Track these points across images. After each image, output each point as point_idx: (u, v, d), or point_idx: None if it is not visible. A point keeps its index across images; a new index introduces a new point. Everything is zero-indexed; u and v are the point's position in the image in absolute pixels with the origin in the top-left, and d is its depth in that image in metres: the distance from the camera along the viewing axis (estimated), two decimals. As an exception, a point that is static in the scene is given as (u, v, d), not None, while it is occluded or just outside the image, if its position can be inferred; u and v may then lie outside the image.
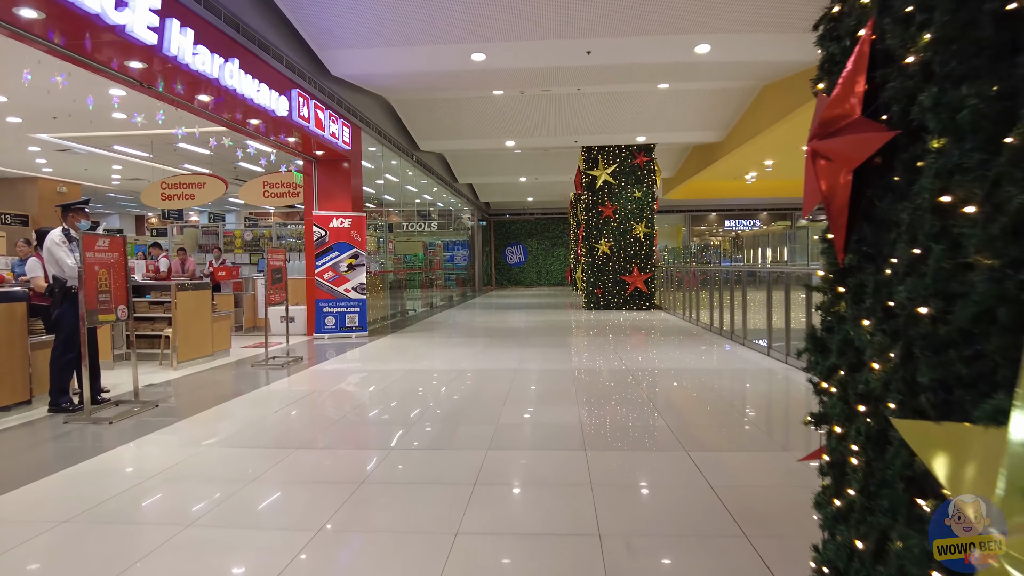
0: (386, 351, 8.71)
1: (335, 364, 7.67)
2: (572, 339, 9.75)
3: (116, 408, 5.12)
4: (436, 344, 9.30)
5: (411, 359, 7.92)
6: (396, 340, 9.80)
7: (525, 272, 29.88)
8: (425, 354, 8.32)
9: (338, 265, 10.11)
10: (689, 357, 7.83)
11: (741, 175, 21.22)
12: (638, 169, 14.67)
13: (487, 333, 10.66)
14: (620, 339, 9.57)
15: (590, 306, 14.71)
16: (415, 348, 8.94)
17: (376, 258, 13.13)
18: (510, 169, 18.86)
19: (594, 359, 7.68)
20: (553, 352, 8.24)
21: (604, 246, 14.61)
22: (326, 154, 10.14)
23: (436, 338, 10.05)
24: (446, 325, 12.16)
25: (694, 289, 12.33)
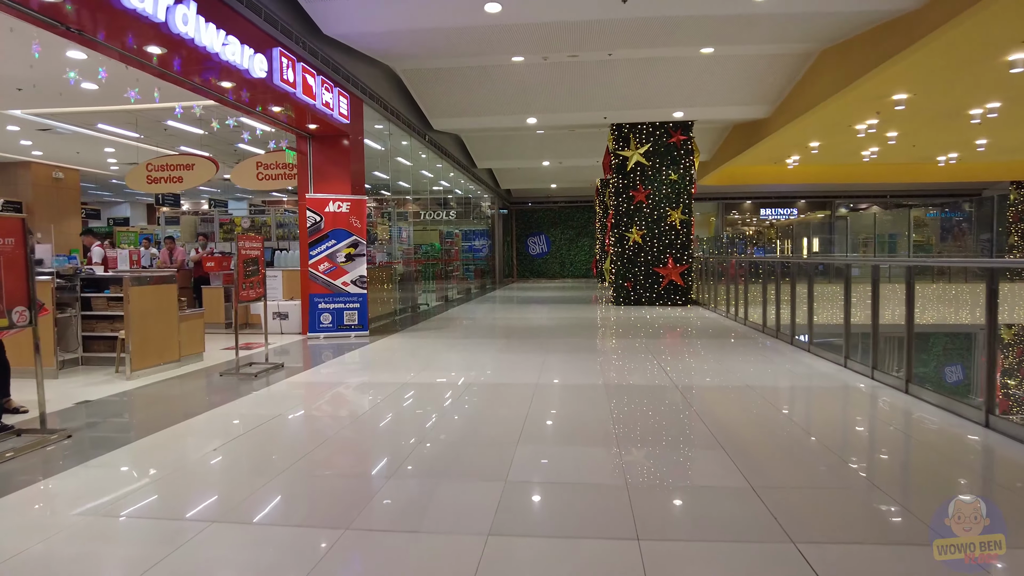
0: (384, 356, 7.46)
1: (317, 374, 6.44)
2: (601, 342, 8.40)
3: (11, 441, 3.94)
4: (444, 347, 8.03)
5: (410, 367, 6.66)
6: (399, 341, 8.56)
7: (548, 263, 28.52)
8: (429, 360, 7.06)
9: (335, 255, 8.89)
10: (747, 368, 6.45)
11: (783, 158, 19.56)
12: (674, 149, 13.20)
13: (504, 333, 9.36)
14: (658, 342, 8.19)
15: (619, 301, 13.32)
16: (419, 352, 7.68)
17: (384, 247, 11.90)
18: (532, 152, 17.48)
19: (631, 371, 6.34)
20: (580, 360, 6.91)
21: (636, 235, 13.20)
22: (321, 129, 8.90)
23: (445, 339, 8.78)
24: (460, 322, 10.88)
25: (738, 283, 10.89)
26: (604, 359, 6.89)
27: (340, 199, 8.91)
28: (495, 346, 7.96)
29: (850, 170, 23.77)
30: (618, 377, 5.95)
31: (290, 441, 4.15)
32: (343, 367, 6.78)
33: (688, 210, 13.23)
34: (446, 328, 10.00)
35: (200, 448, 3.92)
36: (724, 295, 11.69)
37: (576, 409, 4.77)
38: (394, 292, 11.70)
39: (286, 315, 9.43)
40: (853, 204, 30.14)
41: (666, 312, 12.04)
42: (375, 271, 10.81)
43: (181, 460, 3.69)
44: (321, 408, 5.12)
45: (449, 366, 6.72)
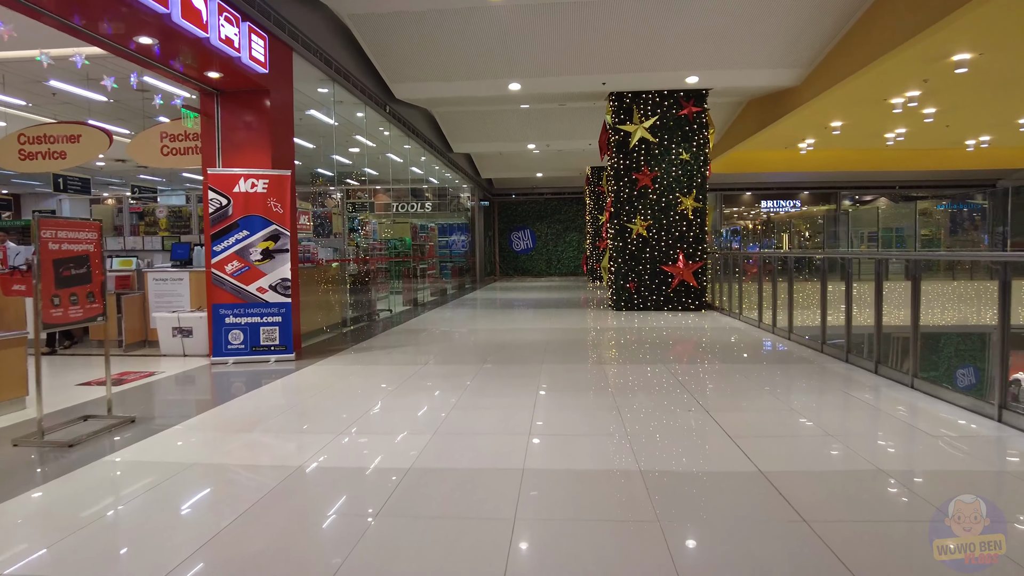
0: (301, 400, 5.16)
1: (173, 442, 4.11)
2: (612, 370, 6.16)
3: None
4: (392, 380, 5.74)
5: (331, 424, 4.36)
6: (334, 370, 6.25)
7: (534, 260, 26.29)
8: (363, 408, 4.76)
9: (247, 251, 6.56)
10: (848, 424, 4.25)
11: (797, 142, 17.48)
12: (685, 123, 11.00)
13: (478, 354, 7.09)
14: (690, 371, 5.98)
15: (620, 305, 11.11)
16: (353, 391, 5.38)
17: (328, 243, 9.57)
18: (515, 132, 15.19)
19: (672, 432, 4.10)
20: (588, 409, 4.66)
21: (640, 226, 10.98)
22: (229, 80, 6.55)
23: (398, 365, 6.49)
24: (423, 337, 8.59)
25: (767, 283, 8.73)
26: (623, 404, 4.65)
27: (255, 175, 6.58)
28: (464, 378, 5.69)
29: (862, 157, 21.81)
30: (657, 448, 3.70)
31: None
32: (228, 423, 4.45)
33: (703, 196, 11.05)
34: (405, 346, 7.71)
35: None
36: (751, 298, 9.52)
37: (601, 544, 2.51)
38: (343, 296, 9.37)
39: (190, 331, 7.09)
40: (858, 196, 28.28)
41: (680, 320, 9.83)
42: (314, 272, 8.48)
43: None
44: (129, 535, 2.81)
45: (390, 420, 4.43)
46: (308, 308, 8.15)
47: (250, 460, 3.64)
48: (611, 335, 8.32)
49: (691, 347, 7.37)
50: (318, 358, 6.79)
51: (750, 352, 7.07)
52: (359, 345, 7.67)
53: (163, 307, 7.49)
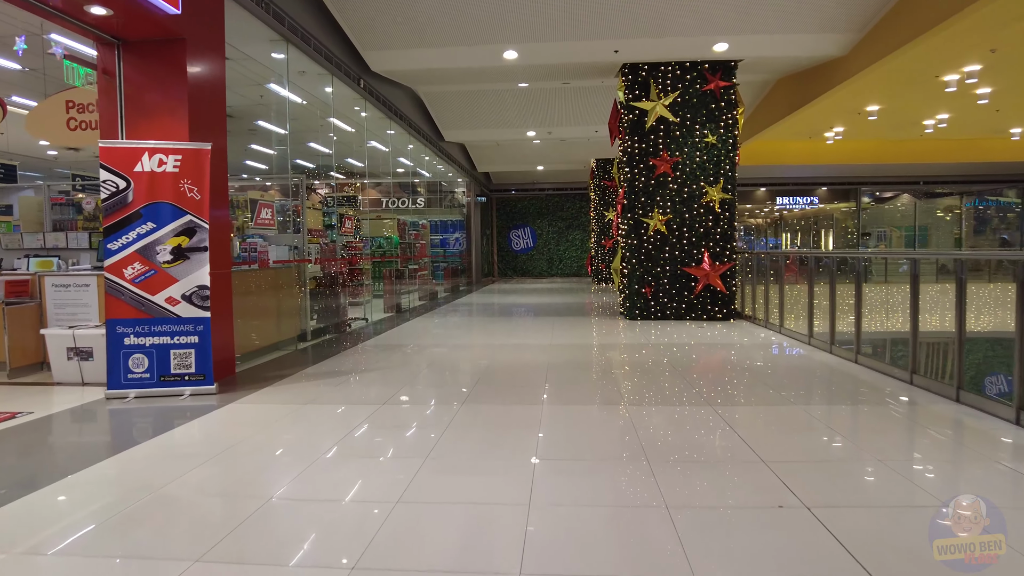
0: (176, 475, 3.50)
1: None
2: (639, 420, 4.52)
3: None
4: (331, 433, 4.12)
5: (197, 532, 2.74)
6: (257, 412, 4.63)
7: (534, 260, 24.67)
8: (261, 498, 3.13)
9: (152, 250, 4.95)
10: None
11: (826, 129, 15.85)
12: (711, 100, 9.38)
13: (458, 384, 5.47)
14: (749, 421, 4.35)
15: (634, 314, 9.48)
16: (267, 455, 3.75)
17: (283, 240, 7.97)
18: (513, 117, 13.57)
19: (755, 545, 2.46)
20: (613, 500, 3.02)
21: (658, 220, 9.36)
22: (126, 22, 4.93)
23: (347, 404, 4.87)
24: (395, 357, 6.97)
25: (816, 288, 7.13)
26: (672, 492, 3.02)
27: (163, 149, 4.97)
28: (432, 428, 4.07)
29: (890, 149, 20.16)
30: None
31: None
32: (46, 518, 2.83)
33: (731, 186, 9.43)
34: (368, 370, 6.09)
35: None
36: (796, 307, 7.91)
37: None
38: (304, 304, 7.76)
39: (89, 353, 5.48)
40: (878, 192, 26.65)
41: (709, 334, 8.21)
42: (261, 276, 6.88)
43: None
44: None
45: (294, 529, 2.80)
46: (253, 320, 6.54)
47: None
48: (629, 356, 6.69)
49: (738, 376, 5.75)
50: (251, 388, 5.17)
51: (820, 385, 5.45)
52: (311, 369, 6.04)
53: (64, 320, 5.89)
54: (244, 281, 6.43)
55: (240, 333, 6.17)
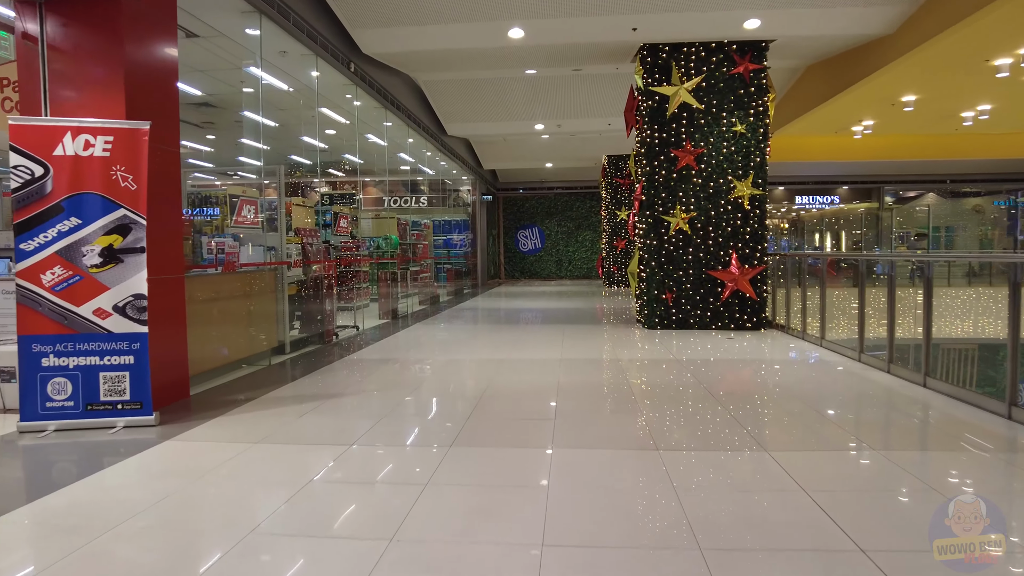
0: (53, 559, 2.62)
1: None
2: (678, 475, 3.57)
3: None
4: (277, 491, 3.21)
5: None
6: (196, 452, 3.73)
7: (542, 261, 23.74)
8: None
9: (76, 251, 4.07)
10: None
11: (855, 123, 14.82)
12: (739, 84, 8.42)
13: (446, 418, 4.55)
14: (818, 474, 3.41)
15: (653, 322, 8.53)
16: (180, 528, 2.85)
17: (260, 240, 7.08)
18: (520, 109, 12.66)
19: None
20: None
21: (680, 218, 8.41)
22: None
23: (304, 445, 3.96)
24: (378, 376, 6.07)
25: (866, 294, 6.17)
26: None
27: (91, 128, 4.08)
28: (409, 494, 3.16)
29: (919, 144, 19.08)
30: None
31: None
32: None
33: (762, 180, 8.47)
34: (342, 394, 5.17)
35: None
36: (841, 316, 6.97)
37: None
38: (280, 310, 6.86)
39: (11, 374, 4.60)
40: (901, 191, 25.54)
41: (741, 348, 7.26)
42: (228, 280, 5.99)
43: None
44: None
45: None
46: (216, 333, 5.66)
47: None
48: (652, 375, 5.75)
49: (788, 404, 4.80)
50: (200, 418, 4.28)
51: (895, 418, 4.51)
52: (279, 392, 5.14)
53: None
54: (204, 288, 5.55)
55: (199, 348, 5.29)
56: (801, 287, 7.80)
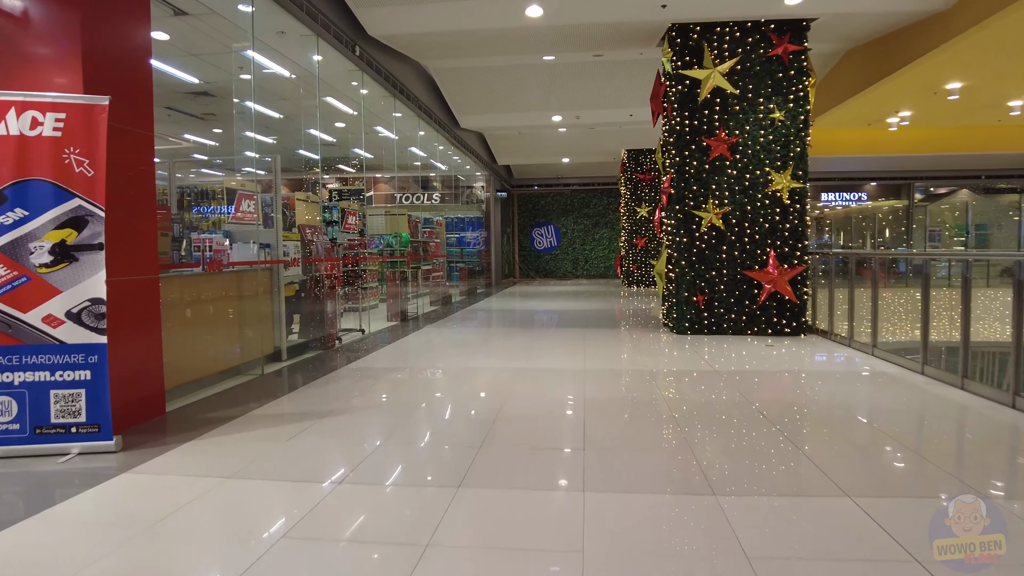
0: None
1: None
2: (749, 527, 2.89)
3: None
4: (246, 544, 2.59)
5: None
6: (153, 493, 3.11)
7: (558, 260, 23.06)
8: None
9: (21, 247, 3.48)
10: None
11: (891, 113, 13.98)
12: (778, 68, 7.70)
13: (458, 451, 3.91)
14: (917, 531, 2.72)
15: (683, 327, 7.83)
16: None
17: (257, 236, 6.49)
18: (536, 97, 12.00)
19: None
20: None
21: (713, 214, 7.71)
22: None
23: (279, 483, 3.32)
24: (379, 390, 5.45)
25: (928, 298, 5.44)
26: None
27: (36, 104, 3.49)
28: (404, 561, 2.52)
29: (951, 137, 18.16)
30: None
31: None
32: None
33: (803, 172, 7.75)
34: (338, 413, 4.55)
35: None
36: (898, 322, 6.25)
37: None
38: (277, 313, 6.27)
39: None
40: (932, 188, 24.54)
41: (783, 356, 6.55)
42: (215, 281, 5.40)
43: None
44: None
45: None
46: (201, 339, 5.07)
47: None
48: (691, 391, 5.07)
49: (856, 430, 4.11)
50: (171, 442, 3.68)
51: (991, 451, 3.80)
52: (264, 409, 4.52)
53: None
54: (186, 290, 4.95)
55: (180, 358, 4.70)
56: (848, 289, 7.06)
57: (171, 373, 4.59)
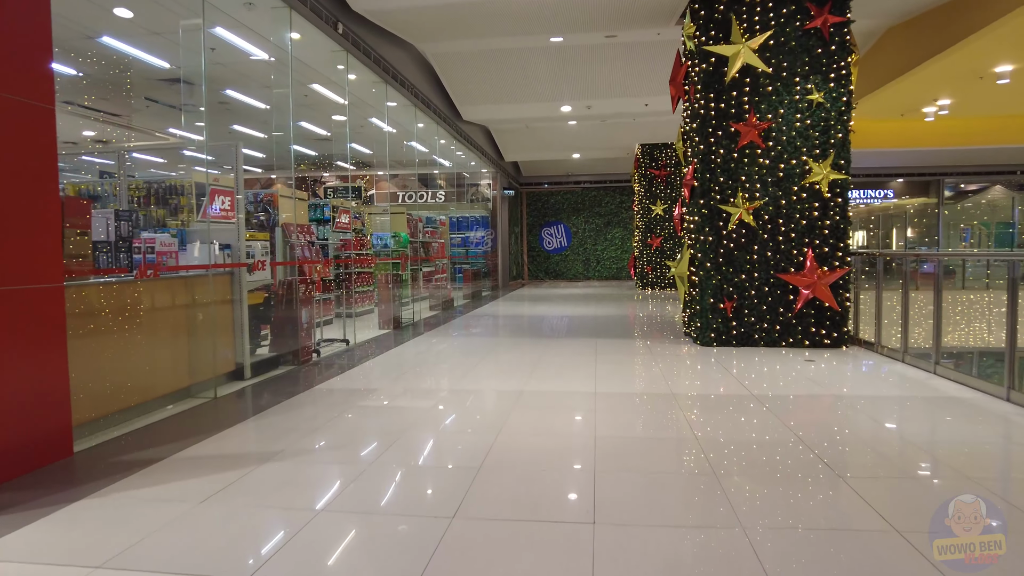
0: None
1: None
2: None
3: None
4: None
5: None
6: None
7: (568, 261, 22.13)
8: None
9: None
10: None
11: (927, 103, 12.93)
12: (816, 42, 6.75)
13: (429, 517, 3.01)
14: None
15: (708, 337, 6.89)
16: None
17: (220, 236, 5.63)
18: (544, 86, 11.10)
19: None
20: None
21: (743, 209, 6.76)
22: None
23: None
24: (351, 421, 4.58)
25: None
26: None
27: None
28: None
29: (984, 128, 17.01)
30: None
31: None
32: None
33: (844, 161, 6.79)
34: (286, 455, 3.66)
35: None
36: (973, 333, 5.29)
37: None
38: (237, 324, 5.41)
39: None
40: (963, 184, 23.34)
41: (827, 373, 5.61)
42: (152, 289, 4.54)
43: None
44: None
45: None
46: (133, 358, 4.21)
47: None
48: (731, 427, 4.15)
49: (955, 481, 3.18)
50: (53, 503, 2.82)
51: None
52: (198, 448, 3.66)
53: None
54: (113, 300, 4.10)
55: (105, 382, 3.86)
56: (903, 295, 6.08)
57: (91, 401, 3.75)
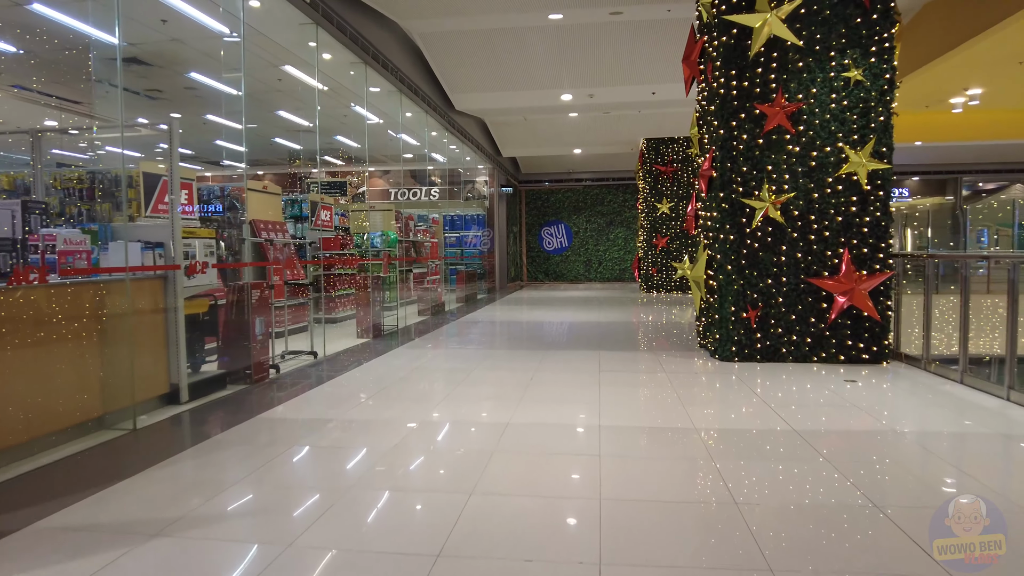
0: None
1: None
2: None
3: None
4: None
5: None
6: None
7: (569, 262, 21.23)
8: None
9: None
10: None
11: (956, 92, 12.02)
12: (854, 11, 5.84)
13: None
14: None
15: (728, 351, 5.98)
16: None
17: (154, 234, 4.74)
18: (542, 70, 10.20)
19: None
20: None
21: (770, 203, 5.86)
22: None
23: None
24: (291, 465, 3.67)
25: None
26: None
27: None
28: None
29: (1009, 122, 16.05)
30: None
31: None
32: None
33: (887, 148, 5.88)
34: (194, 522, 2.75)
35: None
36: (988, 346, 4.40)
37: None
38: (171, 338, 4.52)
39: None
40: (981, 183, 22.39)
41: (879, 401, 4.71)
42: (44, 298, 3.64)
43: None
44: None
45: None
46: (22, 381, 3.33)
47: None
48: (768, 476, 3.25)
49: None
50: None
51: None
52: (70, 511, 2.75)
53: None
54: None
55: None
56: (962, 306, 5.17)
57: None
